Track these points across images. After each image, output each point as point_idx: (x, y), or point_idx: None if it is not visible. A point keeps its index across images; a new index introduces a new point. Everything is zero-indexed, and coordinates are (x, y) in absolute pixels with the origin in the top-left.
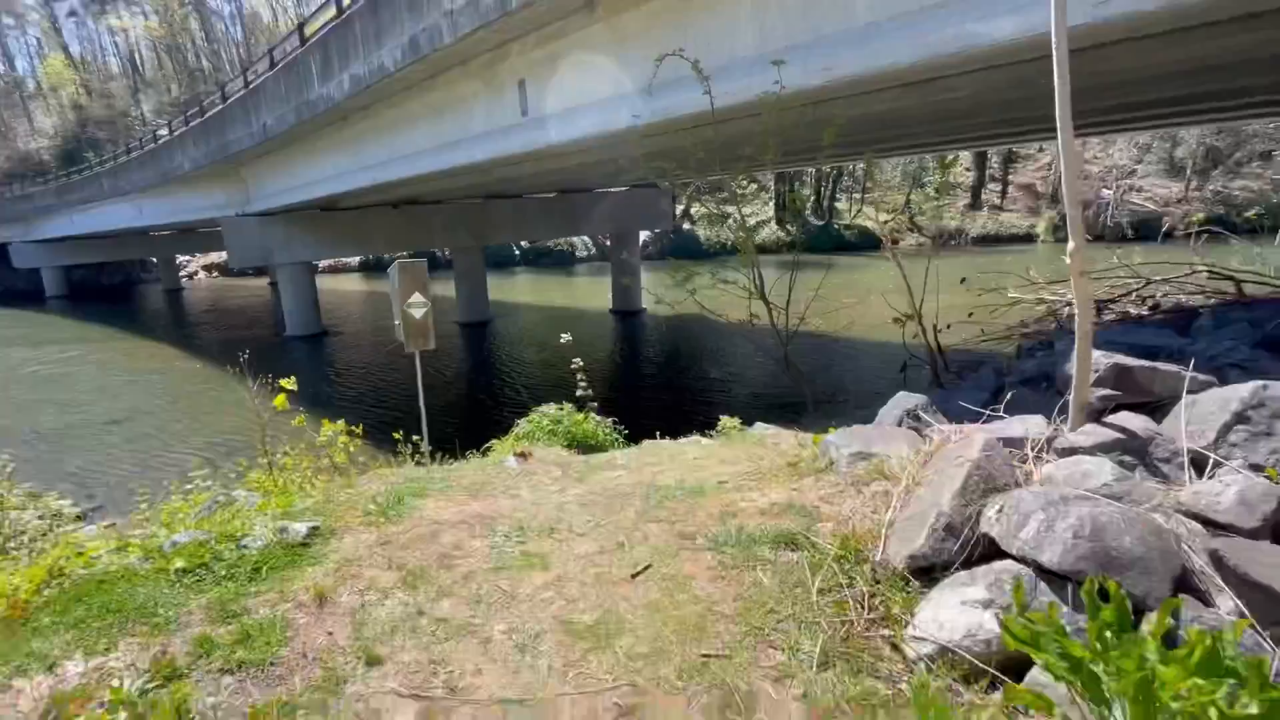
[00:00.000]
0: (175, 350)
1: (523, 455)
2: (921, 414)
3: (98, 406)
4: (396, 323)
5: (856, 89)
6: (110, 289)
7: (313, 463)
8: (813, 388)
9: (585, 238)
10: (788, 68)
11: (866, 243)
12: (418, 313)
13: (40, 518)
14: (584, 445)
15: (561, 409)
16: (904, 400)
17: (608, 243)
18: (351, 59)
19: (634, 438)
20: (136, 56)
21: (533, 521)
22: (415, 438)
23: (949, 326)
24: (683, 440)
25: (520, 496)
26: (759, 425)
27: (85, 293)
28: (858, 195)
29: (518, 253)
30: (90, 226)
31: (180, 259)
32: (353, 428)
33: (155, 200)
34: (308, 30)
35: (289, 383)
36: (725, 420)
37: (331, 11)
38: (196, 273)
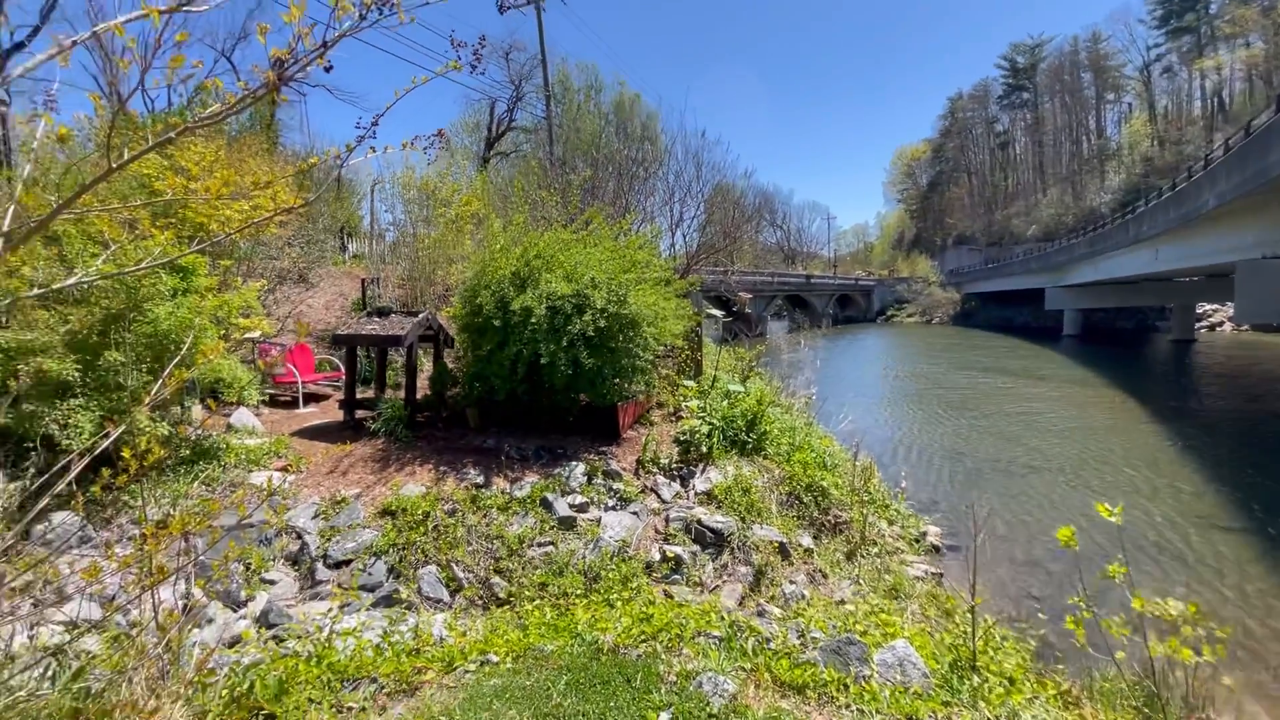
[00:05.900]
0: (1142, 411)
1: None
2: None
3: (1027, 445)
4: None
5: None
6: (1120, 332)
7: None
8: None
9: None
10: None
11: None
12: None
13: (899, 538)
14: None
15: None
16: None
17: None
18: None
19: None
20: (1223, 93)
21: None
22: None
23: None
24: None
25: None
26: None
27: (1096, 334)
28: None
29: None
30: (1108, 273)
31: (1206, 308)
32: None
33: (1170, 245)
34: None
35: (1067, 532)
36: None
37: None
38: (1221, 324)
